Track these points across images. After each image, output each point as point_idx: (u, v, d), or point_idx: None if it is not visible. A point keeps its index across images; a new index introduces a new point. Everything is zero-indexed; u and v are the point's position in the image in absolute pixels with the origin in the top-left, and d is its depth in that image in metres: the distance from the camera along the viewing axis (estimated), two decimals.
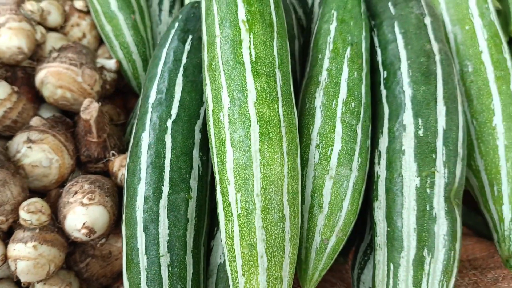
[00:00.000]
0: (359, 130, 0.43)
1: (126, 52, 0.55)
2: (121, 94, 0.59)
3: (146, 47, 0.56)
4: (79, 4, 0.56)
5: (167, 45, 0.47)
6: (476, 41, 0.50)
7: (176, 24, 0.48)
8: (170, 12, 0.60)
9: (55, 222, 0.42)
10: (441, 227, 0.38)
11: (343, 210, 0.40)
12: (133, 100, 0.60)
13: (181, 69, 0.45)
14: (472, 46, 0.50)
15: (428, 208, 0.38)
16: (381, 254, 0.40)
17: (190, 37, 0.47)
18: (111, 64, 0.54)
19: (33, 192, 0.44)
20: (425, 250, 0.37)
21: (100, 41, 0.59)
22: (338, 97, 0.43)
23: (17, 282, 0.45)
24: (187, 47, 0.46)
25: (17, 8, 0.49)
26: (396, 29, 0.47)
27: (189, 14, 0.49)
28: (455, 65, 0.49)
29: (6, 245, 0.41)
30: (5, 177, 0.40)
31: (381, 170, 0.42)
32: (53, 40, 0.53)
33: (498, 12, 0.55)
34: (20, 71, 0.49)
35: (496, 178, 0.46)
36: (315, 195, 0.40)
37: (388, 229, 0.39)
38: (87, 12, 0.57)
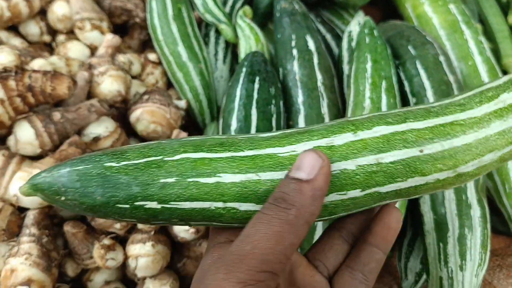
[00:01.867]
0: None
1: (194, 94, 0.66)
2: (184, 128, 0.69)
3: (210, 89, 0.68)
4: (152, 57, 0.68)
5: (239, 85, 0.59)
6: (479, 73, 0.63)
7: (244, 69, 0.60)
8: (224, 61, 0.72)
9: (163, 226, 0.52)
10: (476, 212, 0.49)
11: None
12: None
13: (254, 102, 0.57)
14: (476, 77, 0.63)
15: (464, 198, 0.49)
16: (430, 238, 0.50)
17: (257, 78, 0.59)
18: (182, 104, 0.65)
19: None
20: (466, 229, 0.48)
21: (167, 86, 0.70)
22: None
23: (125, 282, 0.54)
24: (256, 85, 0.58)
25: (113, 60, 0.61)
26: (418, 66, 0.60)
27: (252, 60, 0.61)
28: None
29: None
30: None
31: None
32: (136, 86, 0.64)
33: (491, 50, 0.69)
34: (115, 110, 0.60)
35: (507, 178, 0.58)
36: None
37: (435, 217, 0.50)
38: (159, 63, 0.69)
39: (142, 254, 0.49)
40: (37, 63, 0.56)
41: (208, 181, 0.31)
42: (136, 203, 0.31)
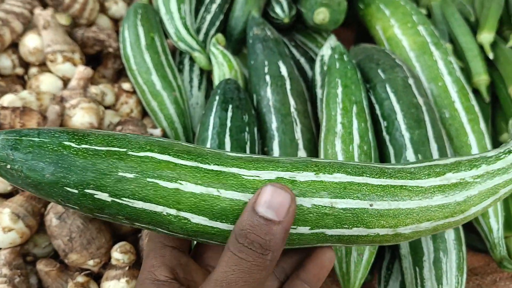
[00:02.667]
0: None
1: (169, 122, 0.66)
2: None
3: (185, 117, 0.68)
4: (126, 86, 0.68)
5: (213, 114, 0.59)
6: (449, 93, 0.64)
7: (217, 97, 0.60)
8: (199, 88, 0.72)
9: (138, 261, 0.51)
10: (450, 234, 0.49)
11: None
12: None
13: (227, 131, 0.57)
14: (446, 98, 0.64)
15: None
16: (407, 262, 0.50)
17: (230, 106, 0.59)
18: (157, 132, 0.65)
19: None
20: (441, 252, 0.48)
21: (143, 115, 0.70)
22: (353, 142, 0.55)
23: None
24: (229, 113, 0.58)
25: (85, 92, 0.61)
26: (388, 89, 0.60)
27: (225, 88, 0.62)
28: (435, 113, 0.62)
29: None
30: (100, 225, 0.49)
31: None
32: (110, 116, 0.64)
33: (462, 69, 0.70)
34: None
35: None
36: None
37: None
38: (133, 92, 0.69)
39: None
40: (7, 99, 0.56)
41: (168, 186, 0.31)
42: (87, 191, 0.30)
